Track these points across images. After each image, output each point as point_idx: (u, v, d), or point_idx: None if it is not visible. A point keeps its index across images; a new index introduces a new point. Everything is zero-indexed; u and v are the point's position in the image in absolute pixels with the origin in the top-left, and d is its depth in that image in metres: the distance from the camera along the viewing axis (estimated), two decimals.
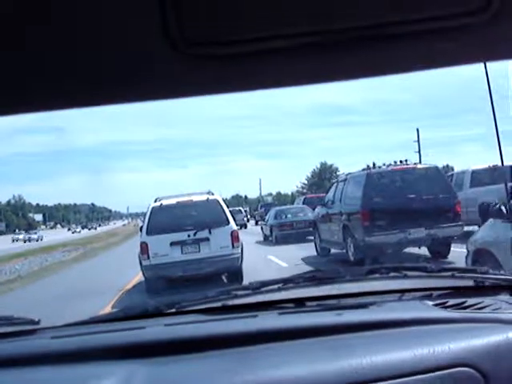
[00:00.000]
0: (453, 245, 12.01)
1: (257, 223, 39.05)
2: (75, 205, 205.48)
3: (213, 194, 12.04)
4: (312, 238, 17.92)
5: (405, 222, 11.64)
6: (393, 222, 11.68)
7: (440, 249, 11.93)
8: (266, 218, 24.69)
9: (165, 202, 11.50)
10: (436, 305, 1.84)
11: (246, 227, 36.54)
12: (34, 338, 1.94)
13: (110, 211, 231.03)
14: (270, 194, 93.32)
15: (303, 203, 27.81)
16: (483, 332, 1.55)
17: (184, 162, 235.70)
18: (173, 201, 11.64)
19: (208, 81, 0.62)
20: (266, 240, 23.22)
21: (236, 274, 10.84)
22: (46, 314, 2.33)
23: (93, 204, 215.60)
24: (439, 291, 2.01)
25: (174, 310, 2.01)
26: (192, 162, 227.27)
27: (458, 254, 11.00)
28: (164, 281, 10.61)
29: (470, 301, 1.83)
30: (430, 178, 12.47)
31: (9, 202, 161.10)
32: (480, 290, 2.01)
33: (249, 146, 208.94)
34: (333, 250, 14.43)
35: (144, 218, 12.30)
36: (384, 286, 2.17)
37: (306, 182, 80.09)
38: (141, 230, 12.02)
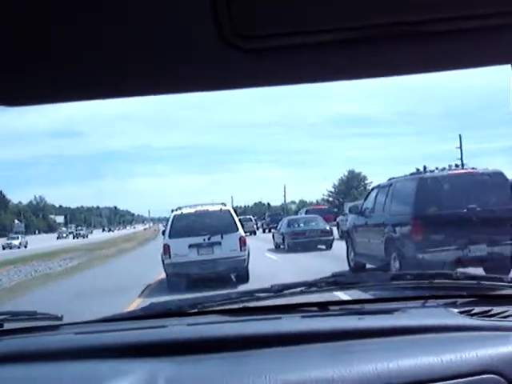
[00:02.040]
0: None
1: (264, 231, 42.63)
2: (98, 207, 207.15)
3: (225, 205, 13.89)
4: (323, 246, 20.71)
5: (464, 236, 9.53)
6: (449, 236, 9.55)
7: (500, 269, 9.62)
8: (279, 226, 25.16)
9: (185, 211, 13.42)
10: (461, 312, 1.81)
11: (255, 234, 39.07)
12: (58, 333, 1.95)
13: (133, 215, 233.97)
14: (294, 202, 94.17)
15: (305, 214, 30.00)
16: (509, 340, 1.52)
17: (207, 168, 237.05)
18: (191, 210, 13.51)
19: (248, 72, 0.63)
20: (278, 248, 23.22)
21: (243, 273, 12.36)
22: None
23: (115, 207, 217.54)
24: (464, 299, 1.97)
25: (196, 310, 1.98)
26: (215, 168, 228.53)
27: None
28: (183, 278, 12.18)
29: (496, 309, 1.80)
30: (494, 184, 10.15)
31: (30, 202, 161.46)
32: (505, 298, 1.98)
33: (272, 153, 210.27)
34: (368, 265, 12.24)
35: (166, 224, 14.20)
36: (408, 293, 2.14)
37: (332, 189, 77.64)
38: (163, 233, 14.03)
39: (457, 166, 10.89)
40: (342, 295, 2.15)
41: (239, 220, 13.96)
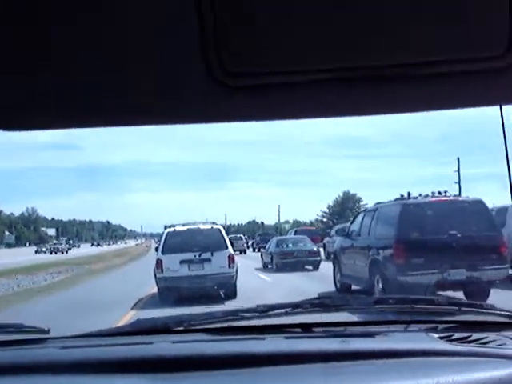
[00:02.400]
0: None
1: (254, 250, 42.17)
2: (90, 221, 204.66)
3: (216, 224, 14.76)
4: (310, 267, 21.09)
5: (444, 261, 9.84)
6: (430, 260, 9.88)
7: (478, 293, 9.93)
8: (267, 245, 25.28)
9: (177, 228, 14.12)
10: (441, 337, 1.82)
11: (245, 252, 39.16)
12: (44, 346, 1.93)
13: (125, 230, 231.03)
14: (288, 222, 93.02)
15: (294, 234, 30.59)
16: (487, 366, 1.54)
17: (201, 185, 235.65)
18: (184, 228, 14.20)
19: (237, 108, 0.64)
20: (266, 268, 23.25)
21: (231, 289, 12.96)
22: None
23: (108, 222, 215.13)
24: (445, 324, 1.99)
25: (182, 328, 2.00)
26: (210, 185, 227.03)
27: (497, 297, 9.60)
28: (174, 292, 12.66)
29: (475, 335, 1.82)
30: (474, 212, 10.58)
31: (22, 214, 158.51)
32: (485, 325, 2.00)
33: (267, 172, 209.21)
34: (354, 287, 12.59)
35: (160, 240, 15.15)
36: (390, 317, 2.16)
37: (327, 210, 76.49)
38: (156, 250, 14.91)
39: (439, 193, 11.26)
40: (326, 317, 2.09)
41: (230, 239, 14.74)
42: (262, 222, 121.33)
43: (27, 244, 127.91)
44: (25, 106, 0.64)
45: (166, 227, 14.80)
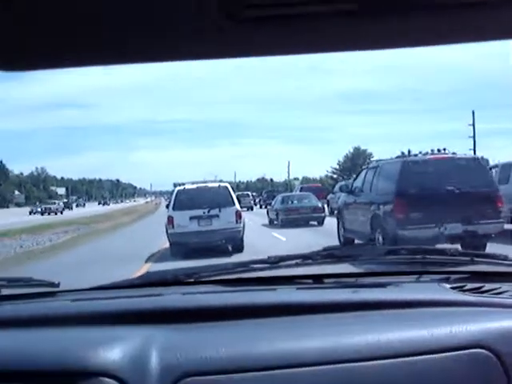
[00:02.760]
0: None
1: (261, 207, 43.00)
2: (100, 180, 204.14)
3: (224, 182, 15.60)
4: (315, 223, 21.79)
5: (441, 215, 10.31)
6: (428, 215, 10.33)
7: (475, 247, 10.23)
8: (273, 202, 25.75)
9: (187, 187, 14.88)
10: (453, 288, 1.82)
11: (252, 209, 40.11)
12: (54, 299, 1.94)
13: (135, 188, 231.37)
14: (297, 179, 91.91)
15: (300, 191, 30.89)
16: (499, 316, 1.54)
17: (210, 142, 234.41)
18: (193, 186, 15.03)
19: (245, 41, 0.63)
20: (271, 224, 23.86)
21: (238, 243, 13.82)
22: None
23: (118, 180, 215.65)
24: (457, 275, 1.99)
25: (192, 280, 1.99)
26: (218, 142, 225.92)
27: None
28: (184, 246, 13.50)
29: (488, 286, 1.82)
30: (471, 169, 10.99)
31: (31, 174, 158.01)
32: (498, 275, 1.99)
33: (276, 129, 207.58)
34: (357, 241, 13.01)
35: (170, 198, 16.04)
36: (402, 267, 2.16)
37: (337, 166, 75.52)
38: (167, 207, 16.47)
39: (439, 150, 11.65)
40: (337, 268, 2.12)
41: (237, 196, 15.52)
42: (272, 179, 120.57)
43: (37, 203, 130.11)
44: (26, 46, 0.63)
45: (175, 185, 15.44)
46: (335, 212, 16.26)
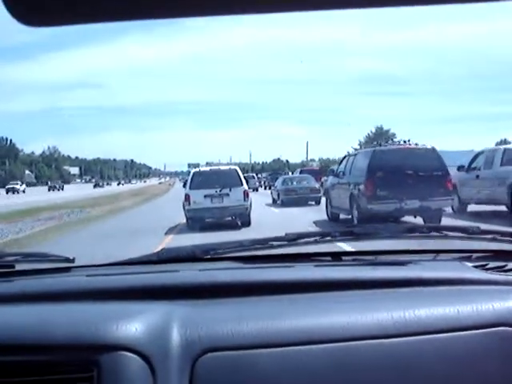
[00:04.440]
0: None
1: (265, 188, 44.26)
2: (114, 160, 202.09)
3: (234, 166, 18.30)
4: (313, 203, 23.96)
5: (402, 193, 12.95)
6: (392, 193, 13.01)
7: (432, 219, 13.11)
8: (275, 184, 27.65)
9: (202, 169, 18.05)
10: (476, 266, 1.77)
11: (257, 190, 41.49)
12: (70, 275, 1.92)
13: (150, 168, 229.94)
14: (314, 160, 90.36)
15: (300, 173, 32.74)
16: None
17: (226, 123, 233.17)
18: (207, 168, 18.46)
19: None
20: (274, 203, 26.22)
21: (246, 219, 15.91)
22: None
23: (132, 160, 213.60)
24: (479, 253, 1.96)
25: (209, 256, 1.96)
26: (233, 124, 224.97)
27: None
28: (199, 220, 15.63)
29: (511, 264, 1.76)
30: (427, 157, 13.74)
31: (43, 153, 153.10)
32: None
33: (293, 111, 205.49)
34: (342, 216, 15.74)
35: (187, 178, 18.27)
36: (423, 245, 2.12)
37: (358, 147, 66.58)
38: (184, 186, 18.30)
39: (404, 141, 14.48)
40: (356, 246, 2.08)
41: (244, 177, 17.59)
42: (287, 160, 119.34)
43: (48, 183, 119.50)
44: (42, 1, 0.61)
45: (189, 165, 18.08)
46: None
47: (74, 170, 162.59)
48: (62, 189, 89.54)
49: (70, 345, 1.29)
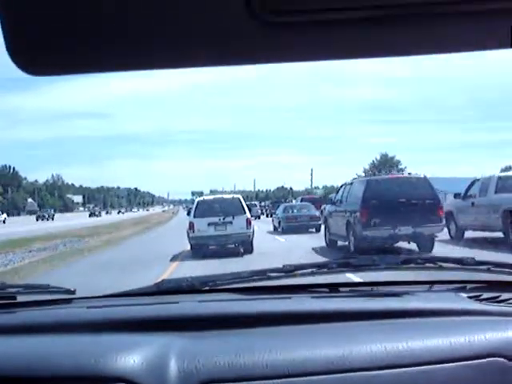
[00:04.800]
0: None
1: (267, 216, 44.80)
2: (118, 188, 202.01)
3: (237, 194, 18.91)
4: (313, 230, 24.31)
5: (395, 220, 13.57)
6: (386, 220, 13.62)
7: (425, 244, 13.81)
8: (277, 211, 28.30)
9: (206, 198, 18.87)
10: (470, 297, 1.79)
11: (259, 218, 42.12)
12: (70, 306, 1.93)
13: (153, 196, 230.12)
14: (318, 188, 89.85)
15: (301, 201, 33.50)
16: None
17: (229, 151, 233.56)
18: (211, 197, 19.09)
19: (278, 47, 0.62)
20: (276, 230, 26.70)
21: (248, 246, 16.17)
22: None
23: (136, 188, 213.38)
24: (474, 284, 1.99)
25: (207, 288, 1.98)
26: (237, 152, 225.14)
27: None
28: (203, 247, 15.86)
29: (504, 295, 1.78)
30: (419, 186, 14.51)
31: (46, 181, 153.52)
32: None
33: (297, 139, 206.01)
34: (339, 243, 16.17)
35: (191, 206, 19.17)
36: (418, 276, 2.13)
37: (363, 174, 67.54)
38: (188, 213, 18.67)
39: (398, 171, 15.17)
40: (353, 277, 2.02)
41: (247, 205, 18.08)
42: (291, 188, 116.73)
43: (51, 211, 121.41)
44: (52, 50, 0.62)
45: (193, 193, 18.45)
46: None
47: (78, 199, 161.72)
48: (52, 218, 78.61)
49: (70, 376, 1.31)
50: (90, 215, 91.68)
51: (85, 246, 21.62)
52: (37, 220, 75.41)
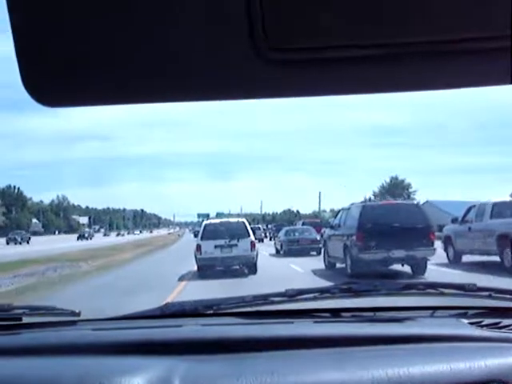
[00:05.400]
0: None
1: (270, 239, 45.36)
2: (124, 209, 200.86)
3: (242, 218, 20.50)
4: (314, 253, 24.52)
5: (389, 244, 14.30)
6: (380, 243, 14.37)
7: (418, 267, 14.62)
8: (279, 235, 29.02)
9: (212, 221, 19.91)
10: (471, 323, 1.79)
11: (263, 241, 43.03)
12: (75, 328, 1.94)
13: (160, 218, 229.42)
14: (325, 211, 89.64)
15: (302, 225, 34.42)
16: None
17: (235, 174, 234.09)
18: (217, 220, 20.20)
19: (284, 84, 0.63)
20: (278, 253, 27.43)
21: (252, 267, 16.89)
22: None
23: (142, 210, 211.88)
24: (475, 310, 1.99)
25: (211, 312, 2.00)
26: (244, 175, 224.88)
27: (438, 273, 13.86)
28: (210, 268, 16.53)
29: (505, 321, 1.79)
30: (411, 211, 15.41)
31: (51, 202, 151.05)
32: None
33: (304, 162, 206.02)
34: (338, 265, 16.91)
35: (199, 229, 20.47)
36: (419, 302, 2.16)
37: (373, 197, 69.04)
38: (195, 236, 20.19)
39: (391, 197, 16.07)
40: (355, 302, 2.05)
41: (251, 229, 18.98)
42: (298, 211, 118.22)
43: (56, 232, 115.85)
44: (68, 82, 0.62)
45: (199, 215, 18.90)
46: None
47: (83, 220, 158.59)
48: (28, 242, 64.82)
49: None
50: (78, 238, 77.23)
51: (75, 272, 18.65)
52: (7, 243, 61.44)
